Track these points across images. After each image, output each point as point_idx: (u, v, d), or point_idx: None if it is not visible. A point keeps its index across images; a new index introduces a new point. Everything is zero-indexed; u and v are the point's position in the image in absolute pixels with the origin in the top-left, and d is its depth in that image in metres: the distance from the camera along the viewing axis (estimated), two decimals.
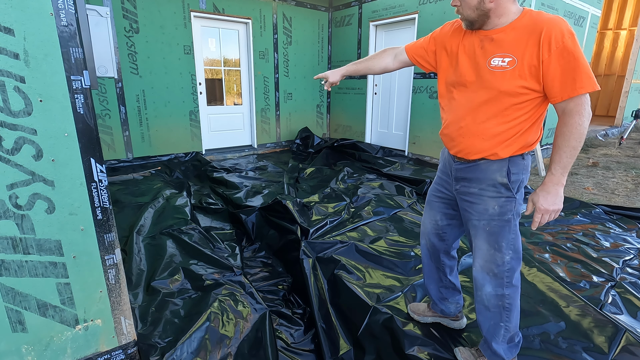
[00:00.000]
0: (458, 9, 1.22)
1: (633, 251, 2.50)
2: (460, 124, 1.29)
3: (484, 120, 1.23)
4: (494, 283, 1.31)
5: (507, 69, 1.15)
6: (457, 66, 1.30)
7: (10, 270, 1.21)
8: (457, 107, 1.30)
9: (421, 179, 3.82)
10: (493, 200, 1.26)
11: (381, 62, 1.59)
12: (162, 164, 4.71)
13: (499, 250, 1.28)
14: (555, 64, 1.08)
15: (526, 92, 1.15)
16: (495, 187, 1.26)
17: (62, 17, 1.11)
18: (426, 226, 1.57)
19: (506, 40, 1.16)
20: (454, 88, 1.32)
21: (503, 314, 1.33)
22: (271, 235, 2.73)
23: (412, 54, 1.52)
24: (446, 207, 1.48)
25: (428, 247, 1.58)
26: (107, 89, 4.40)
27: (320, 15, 6.20)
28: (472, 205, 1.31)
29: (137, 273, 2.15)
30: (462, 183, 1.34)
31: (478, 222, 1.31)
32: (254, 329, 1.70)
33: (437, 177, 1.51)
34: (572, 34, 1.08)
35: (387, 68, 1.60)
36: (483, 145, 1.24)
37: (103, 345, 1.46)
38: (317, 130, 6.73)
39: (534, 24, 1.11)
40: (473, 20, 1.20)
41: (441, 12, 4.61)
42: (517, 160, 1.24)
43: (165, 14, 4.62)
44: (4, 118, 1.10)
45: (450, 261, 1.57)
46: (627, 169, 4.82)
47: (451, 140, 1.34)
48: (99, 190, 1.29)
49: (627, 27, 9.03)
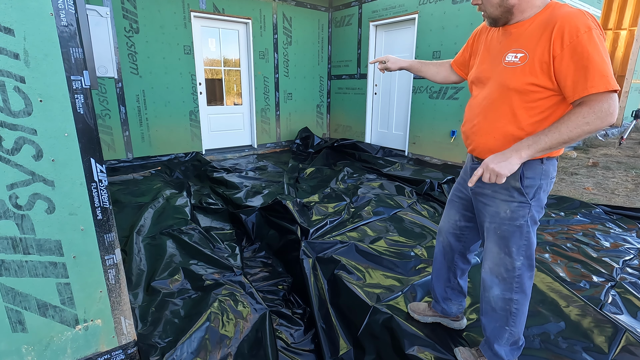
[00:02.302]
0: (480, 7, 1.18)
1: (633, 251, 2.49)
2: (474, 121, 1.26)
3: (495, 119, 1.19)
4: (502, 287, 1.28)
5: (518, 65, 1.10)
6: (480, 64, 1.28)
7: (10, 270, 1.21)
8: (474, 105, 1.28)
9: (421, 179, 3.82)
10: (505, 204, 1.22)
11: (444, 72, 1.59)
12: (162, 164, 4.71)
13: (509, 255, 1.24)
14: (567, 61, 1.02)
15: (536, 90, 1.09)
16: (508, 191, 1.21)
17: (62, 17, 1.11)
18: (444, 225, 1.54)
19: (522, 35, 1.11)
20: (475, 85, 1.30)
21: (509, 318, 1.30)
22: (271, 235, 2.73)
23: (456, 64, 1.52)
24: (465, 207, 1.45)
25: (444, 245, 1.55)
26: (107, 89, 4.40)
27: (320, 15, 6.21)
28: (485, 206, 1.29)
29: (137, 273, 2.15)
30: (477, 183, 1.30)
31: (489, 225, 1.28)
32: (254, 329, 1.70)
33: (460, 177, 1.49)
34: (589, 28, 0.99)
35: (447, 79, 1.59)
36: (495, 144, 1.20)
37: (103, 345, 1.46)
38: (317, 130, 6.73)
39: (551, 17, 1.06)
40: (496, 17, 1.16)
41: (441, 12, 4.60)
42: (534, 165, 1.16)
43: (165, 14, 4.63)
44: (4, 118, 1.10)
45: (464, 264, 1.55)
46: (627, 169, 4.81)
47: (467, 137, 1.32)
48: (99, 190, 1.29)
49: (627, 27, 9.02)
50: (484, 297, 1.35)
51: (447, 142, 4.84)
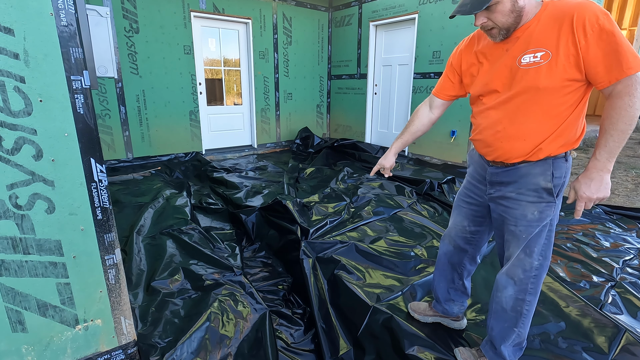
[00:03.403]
0: (485, 24, 1.15)
1: (633, 251, 2.49)
2: (496, 128, 1.23)
3: (523, 122, 1.17)
4: (517, 288, 1.27)
5: (542, 64, 1.09)
6: (482, 76, 1.27)
7: (10, 270, 1.21)
8: (491, 113, 1.24)
9: (421, 179, 3.82)
10: (533, 206, 1.20)
11: (423, 120, 1.53)
12: (162, 164, 4.71)
13: (530, 256, 1.23)
14: (595, 48, 1.01)
15: (569, 84, 1.09)
16: (537, 192, 1.19)
17: (62, 17, 1.11)
18: (452, 230, 1.53)
19: (534, 35, 1.10)
20: (483, 97, 1.28)
21: (519, 320, 1.30)
22: (271, 235, 2.73)
23: (444, 93, 1.47)
24: (475, 213, 1.43)
25: (453, 247, 1.54)
26: (107, 89, 4.40)
27: (320, 15, 6.20)
28: (508, 210, 1.25)
29: (137, 273, 2.15)
30: (496, 187, 1.28)
31: (515, 228, 1.25)
32: (254, 329, 1.70)
33: (466, 182, 1.46)
34: (605, 14, 1.00)
35: (432, 120, 1.53)
36: (525, 146, 1.18)
37: (103, 345, 1.46)
38: (317, 130, 6.73)
39: (562, 11, 1.05)
40: (509, 26, 1.13)
41: (441, 12, 4.60)
42: (560, 163, 1.17)
43: (165, 14, 4.63)
44: (4, 118, 1.10)
45: (471, 266, 1.55)
46: (627, 169, 4.81)
47: (487, 145, 1.27)
48: (99, 190, 1.29)
49: (627, 27, 9.02)
50: (495, 297, 1.34)
51: (447, 142, 4.84)
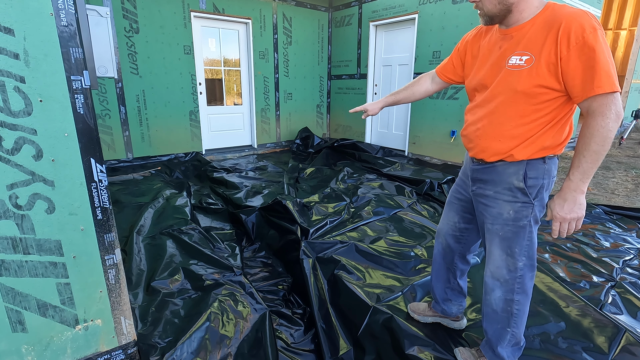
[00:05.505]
0: (477, 4, 1.17)
1: (633, 251, 2.50)
2: (477, 125, 1.25)
3: (500, 122, 1.18)
4: (504, 289, 1.28)
5: (524, 68, 1.09)
6: (478, 70, 1.27)
7: (10, 270, 1.21)
8: (477, 110, 1.26)
9: (421, 179, 3.82)
10: (508, 205, 1.21)
11: (421, 88, 1.58)
12: (162, 164, 4.71)
13: (512, 256, 1.24)
14: (575, 61, 1.01)
15: (545, 92, 1.09)
16: (512, 191, 1.20)
17: (62, 17, 1.11)
18: (443, 227, 1.54)
19: (525, 37, 1.10)
20: (477, 91, 1.29)
21: (511, 320, 1.30)
22: (271, 235, 2.73)
23: (444, 73, 1.49)
24: (464, 209, 1.44)
25: (443, 246, 1.55)
26: (107, 89, 4.40)
27: (320, 15, 6.20)
28: (487, 208, 1.27)
29: (137, 273, 2.15)
30: (477, 184, 1.30)
31: (492, 226, 1.26)
32: (254, 329, 1.70)
33: (458, 179, 1.48)
34: (594, 29, 0.99)
35: (428, 91, 1.58)
36: (500, 146, 1.19)
37: (103, 345, 1.46)
38: (317, 130, 6.73)
39: (553, 18, 1.05)
40: (493, 15, 1.14)
41: (441, 12, 4.60)
42: (537, 164, 1.17)
43: (165, 14, 4.62)
44: (4, 118, 1.10)
45: (463, 265, 1.55)
46: (627, 169, 4.81)
47: (469, 141, 1.31)
48: (99, 190, 1.29)
49: (627, 27, 9.02)
50: (485, 300, 1.35)
51: (447, 142, 4.84)
